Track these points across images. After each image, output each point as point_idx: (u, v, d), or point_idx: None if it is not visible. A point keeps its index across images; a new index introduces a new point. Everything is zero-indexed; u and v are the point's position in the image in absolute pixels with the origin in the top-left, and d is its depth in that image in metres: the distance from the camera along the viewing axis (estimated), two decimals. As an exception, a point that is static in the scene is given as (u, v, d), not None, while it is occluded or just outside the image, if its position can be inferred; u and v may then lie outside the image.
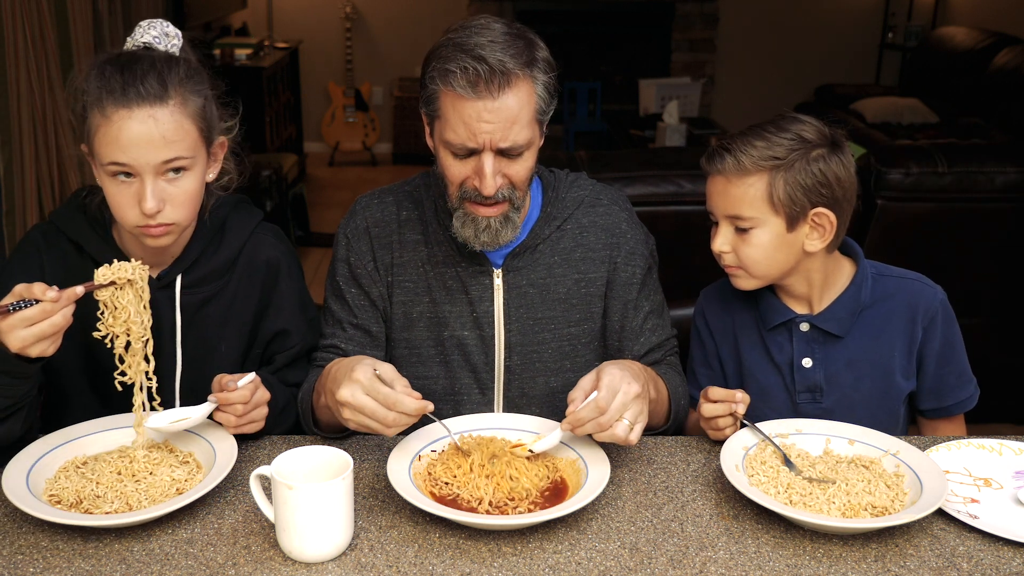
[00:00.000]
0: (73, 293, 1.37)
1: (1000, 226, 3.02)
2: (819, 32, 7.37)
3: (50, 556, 1.31)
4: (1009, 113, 5.17)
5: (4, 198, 3.10)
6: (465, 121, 1.52)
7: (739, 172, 1.61)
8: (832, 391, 1.71)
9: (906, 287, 1.72)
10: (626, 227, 1.78)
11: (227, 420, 1.51)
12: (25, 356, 1.38)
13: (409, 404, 1.41)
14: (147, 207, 1.49)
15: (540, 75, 1.56)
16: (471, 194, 1.59)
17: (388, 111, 7.45)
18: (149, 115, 1.47)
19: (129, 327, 1.47)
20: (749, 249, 1.65)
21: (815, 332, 1.71)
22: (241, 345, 1.71)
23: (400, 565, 1.31)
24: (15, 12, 3.12)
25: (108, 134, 1.47)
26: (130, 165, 1.48)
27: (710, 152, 1.66)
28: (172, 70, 1.51)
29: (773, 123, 1.64)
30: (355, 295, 1.76)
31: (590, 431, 1.43)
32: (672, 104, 5.68)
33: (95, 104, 1.48)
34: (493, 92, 1.50)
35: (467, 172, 1.58)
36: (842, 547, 1.35)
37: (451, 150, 1.57)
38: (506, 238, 1.64)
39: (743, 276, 1.69)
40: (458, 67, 1.50)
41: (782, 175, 1.60)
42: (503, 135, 1.53)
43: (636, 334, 1.77)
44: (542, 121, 1.60)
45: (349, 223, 1.78)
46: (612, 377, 1.44)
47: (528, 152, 1.59)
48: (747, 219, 1.63)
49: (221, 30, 6.65)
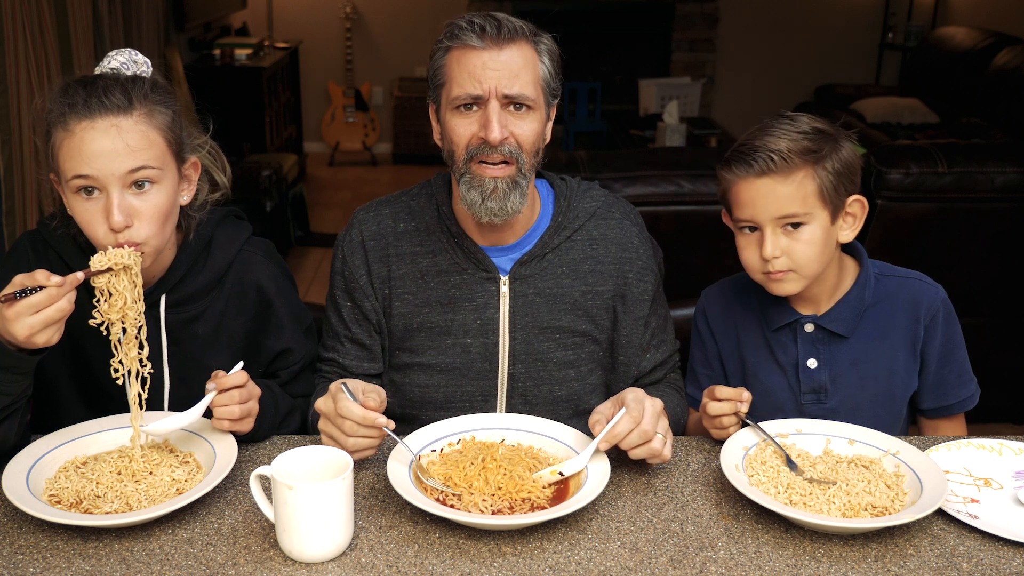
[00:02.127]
0: (75, 278, 1.36)
1: (1000, 226, 3.02)
2: (819, 32, 7.37)
3: (50, 556, 1.31)
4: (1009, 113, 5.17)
5: (4, 198, 3.10)
6: (470, 71, 1.56)
7: (787, 169, 1.58)
8: (837, 392, 1.71)
9: (908, 286, 1.72)
10: (638, 242, 1.78)
11: (229, 412, 1.50)
12: (27, 349, 1.37)
13: (356, 411, 1.44)
14: (114, 221, 1.45)
15: (545, 47, 1.61)
16: (477, 150, 1.59)
17: (388, 111, 7.45)
18: (112, 124, 1.45)
19: (125, 313, 1.46)
20: (802, 247, 1.61)
21: (820, 332, 1.71)
22: (233, 363, 1.69)
23: (400, 565, 1.31)
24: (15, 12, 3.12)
25: (71, 147, 1.45)
26: (94, 177, 1.45)
27: (740, 157, 1.61)
28: (137, 84, 1.50)
29: (782, 121, 1.63)
30: (350, 308, 1.77)
31: (636, 441, 1.45)
32: (672, 104, 5.68)
33: (58, 121, 1.46)
34: (500, 43, 1.56)
35: (473, 128, 1.59)
36: (842, 547, 1.35)
37: (458, 107, 1.59)
38: (514, 205, 1.62)
39: (792, 279, 1.64)
40: (466, 22, 1.58)
41: (822, 167, 1.59)
42: (509, 82, 1.56)
43: (643, 350, 1.79)
44: (547, 95, 1.62)
45: (345, 236, 1.78)
46: (636, 393, 1.49)
47: (533, 115, 1.60)
48: (799, 216, 1.60)
49: (221, 30, 6.65)
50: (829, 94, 6.83)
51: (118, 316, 1.46)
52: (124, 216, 1.46)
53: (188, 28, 5.76)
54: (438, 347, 1.73)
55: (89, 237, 1.51)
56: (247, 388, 1.52)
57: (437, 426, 1.58)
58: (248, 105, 5.91)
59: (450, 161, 1.64)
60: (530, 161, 1.62)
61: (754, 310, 1.77)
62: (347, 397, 1.46)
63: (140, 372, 1.50)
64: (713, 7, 7.26)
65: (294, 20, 7.33)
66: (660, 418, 1.48)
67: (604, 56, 7.43)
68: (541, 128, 1.63)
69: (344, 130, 7.32)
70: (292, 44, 6.93)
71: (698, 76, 7.16)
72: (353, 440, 1.46)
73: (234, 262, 1.69)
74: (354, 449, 1.45)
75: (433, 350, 1.73)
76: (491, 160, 1.59)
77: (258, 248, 1.74)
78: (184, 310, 1.65)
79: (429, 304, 1.73)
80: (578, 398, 1.76)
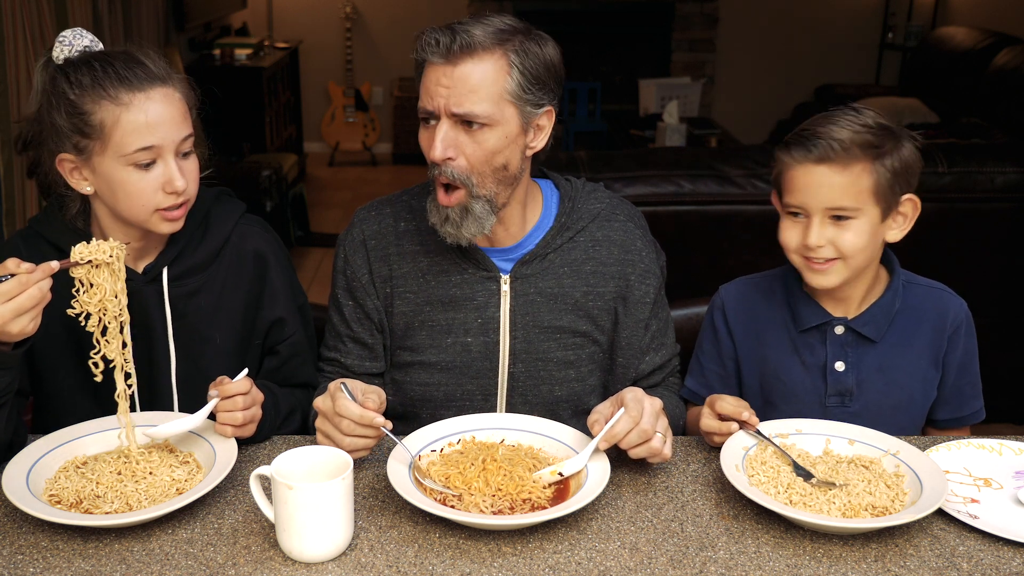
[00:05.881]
0: (48, 267, 1.36)
1: (1000, 226, 3.02)
2: (819, 32, 7.37)
3: (50, 556, 1.31)
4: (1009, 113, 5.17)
5: (4, 198, 3.10)
6: (426, 85, 1.56)
7: (846, 159, 1.56)
8: (862, 396, 1.70)
9: (934, 296, 1.72)
10: (641, 245, 1.77)
11: (232, 418, 1.50)
12: (5, 340, 1.36)
13: (354, 410, 1.44)
14: (178, 185, 1.52)
15: (519, 57, 1.56)
16: (432, 166, 1.59)
17: (388, 111, 7.45)
18: (164, 94, 1.52)
19: (104, 306, 1.45)
20: (850, 237, 1.59)
21: (850, 335, 1.69)
22: (235, 335, 1.71)
23: (400, 565, 1.31)
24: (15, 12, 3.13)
25: (132, 120, 1.49)
26: (158, 146, 1.50)
27: (801, 141, 1.59)
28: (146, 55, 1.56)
29: (847, 113, 1.59)
30: (351, 307, 1.77)
31: (636, 441, 1.45)
32: (672, 104, 5.68)
33: (99, 98, 1.48)
34: (453, 59, 1.53)
35: (429, 142, 1.58)
36: (842, 547, 1.35)
37: (421, 119, 1.59)
38: (469, 232, 1.61)
39: (837, 270, 1.62)
40: (427, 35, 1.55)
41: (881, 163, 1.57)
42: (458, 100, 1.53)
43: (643, 352, 1.78)
44: (523, 106, 1.57)
45: (347, 236, 1.78)
46: (635, 392, 1.48)
47: (489, 131, 1.56)
48: (849, 211, 1.58)
49: (221, 30, 6.65)
50: (829, 94, 6.81)
51: (97, 308, 1.45)
52: (185, 180, 1.53)
53: (188, 28, 5.76)
54: (439, 345, 1.73)
55: (134, 209, 1.54)
56: (251, 395, 1.53)
57: (437, 426, 1.58)
58: (248, 105, 5.91)
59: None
60: (485, 179, 1.58)
61: (781, 310, 1.74)
62: (345, 396, 1.46)
63: (124, 367, 1.48)
64: (713, 7, 7.26)
65: (294, 20, 7.33)
66: (659, 417, 1.48)
67: (604, 56, 7.43)
68: (503, 143, 1.57)
69: (344, 130, 7.32)
70: (292, 44, 6.93)
71: (698, 76, 7.15)
72: (350, 440, 1.46)
73: (232, 235, 1.71)
74: (350, 448, 1.45)
75: (434, 348, 1.73)
76: (439, 180, 1.59)
77: (255, 221, 1.78)
78: (185, 283, 1.67)
79: (430, 303, 1.73)
80: (578, 398, 1.76)
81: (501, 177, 1.60)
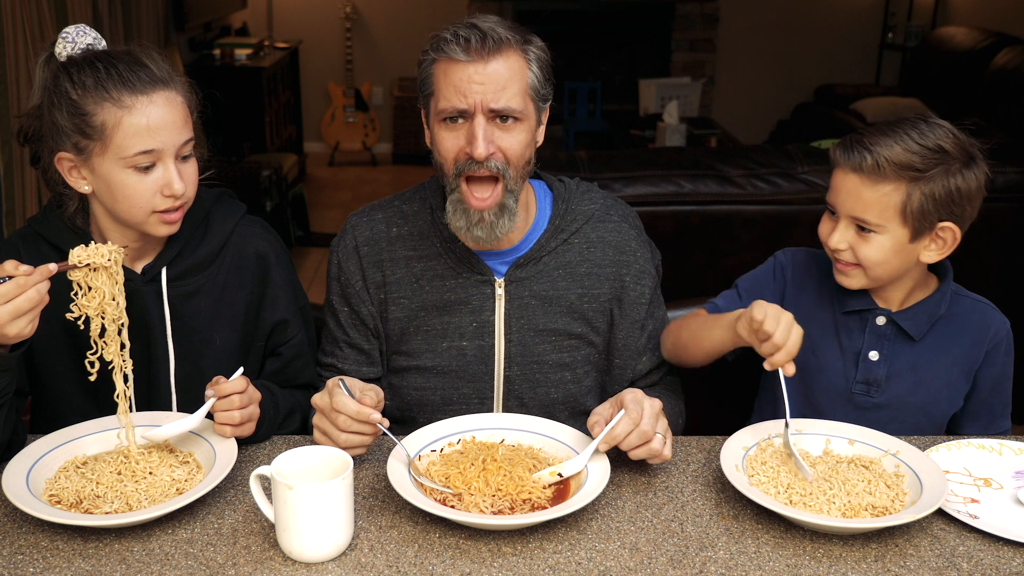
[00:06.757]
0: (46, 269, 1.36)
1: (1000, 226, 3.02)
2: (819, 32, 7.36)
3: (50, 556, 1.31)
4: (1009, 113, 5.17)
5: (4, 198, 3.10)
6: (456, 84, 1.54)
7: (876, 176, 1.56)
8: (889, 388, 1.71)
9: (979, 309, 1.72)
10: (635, 245, 1.77)
11: (230, 418, 1.50)
12: (2, 342, 1.36)
13: (351, 406, 1.44)
14: (176, 188, 1.52)
15: (534, 54, 1.58)
16: (464, 166, 1.58)
17: (388, 111, 7.45)
18: (166, 98, 1.52)
19: (103, 309, 1.45)
20: (868, 248, 1.60)
21: (890, 328, 1.70)
22: (236, 336, 1.71)
23: (400, 565, 1.31)
24: (15, 12, 3.13)
25: (134, 123, 1.48)
26: (158, 150, 1.50)
27: (848, 144, 1.60)
28: (156, 56, 1.56)
29: (915, 127, 1.57)
30: (347, 314, 1.77)
31: (636, 442, 1.45)
32: (672, 104, 5.68)
33: (101, 99, 1.48)
34: (484, 56, 1.53)
35: (460, 142, 1.57)
36: (842, 547, 1.35)
37: (444, 119, 1.57)
38: (504, 230, 1.62)
39: (856, 275, 1.64)
40: (451, 34, 1.55)
41: (919, 188, 1.55)
42: (494, 96, 1.54)
43: (639, 353, 1.78)
44: (537, 102, 1.60)
45: (340, 242, 1.78)
46: (635, 394, 1.48)
47: (522, 126, 1.58)
48: (871, 225, 1.58)
49: (221, 30, 6.65)
50: (829, 94, 6.82)
51: (96, 312, 1.45)
52: (183, 183, 1.53)
53: (188, 28, 5.75)
54: (434, 350, 1.73)
55: (131, 211, 1.54)
56: (247, 393, 1.53)
57: (437, 426, 1.58)
58: (248, 105, 5.91)
59: (440, 172, 1.64)
60: (518, 173, 1.60)
61: (831, 287, 1.74)
62: (343, 392, 1.46)
63: (123, 368, 1.49)
64: (713, 7, 7.26)
65: (294, 20, 7.33)
66: (659, 418, 1.48)
67: (604, 56, 7.43)
68: (530, 138, 1.61)
69: (344, 130, 7.32)
70: (292, 44, 6.93)
71: (698, 76, 7.15)
72: (346, 436, 1.46)
73: (232, 235, 1.71)
74: (346, 445, 1.45)
75: (429, 353, 1.73)
76: (478, 175, 1.58)
77: (256, 222, 1.77)
78: (185, 283, 1.66)
79: (425, 308, 1.73)
80: (574, 400, 1.76)
81: (525, 172, 1.63)
